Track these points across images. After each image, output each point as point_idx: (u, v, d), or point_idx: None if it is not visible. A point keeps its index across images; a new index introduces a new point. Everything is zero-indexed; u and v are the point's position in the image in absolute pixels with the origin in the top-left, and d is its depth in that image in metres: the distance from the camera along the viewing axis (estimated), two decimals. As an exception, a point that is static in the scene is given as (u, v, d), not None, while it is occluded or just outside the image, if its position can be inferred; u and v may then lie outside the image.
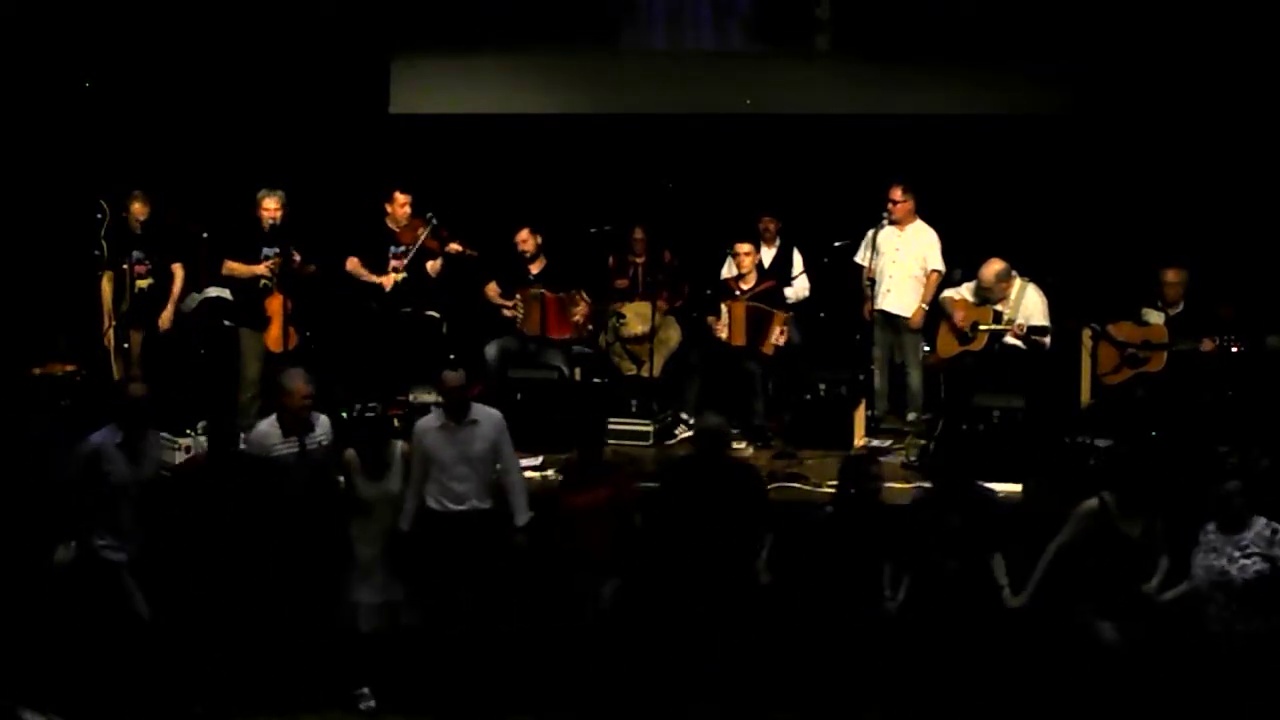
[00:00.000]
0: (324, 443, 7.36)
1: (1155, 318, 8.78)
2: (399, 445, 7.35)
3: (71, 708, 6.80)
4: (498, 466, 7.43)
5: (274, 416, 7.34)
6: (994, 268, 8.95)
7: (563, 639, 7.26)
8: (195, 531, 7.07)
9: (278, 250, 9.05)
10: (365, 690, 7.29)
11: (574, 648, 7.23)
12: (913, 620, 6.97)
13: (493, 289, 9.80)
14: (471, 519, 7.27)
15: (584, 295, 9.77)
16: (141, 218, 9.00)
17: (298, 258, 9.04)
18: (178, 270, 9.16)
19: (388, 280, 9.53)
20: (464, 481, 7.26)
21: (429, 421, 7.38)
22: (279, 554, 7.09)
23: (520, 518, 7.37)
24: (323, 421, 7.43)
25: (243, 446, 7.33)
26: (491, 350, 9.63)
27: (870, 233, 9.57)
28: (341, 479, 7.38)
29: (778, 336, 9.36)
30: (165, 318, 9.19)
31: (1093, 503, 6.89)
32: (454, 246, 9.66)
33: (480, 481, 7.32)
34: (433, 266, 9.61)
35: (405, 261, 9.54)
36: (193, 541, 7.07)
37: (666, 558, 7.21)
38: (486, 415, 7.38)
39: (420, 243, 9.51)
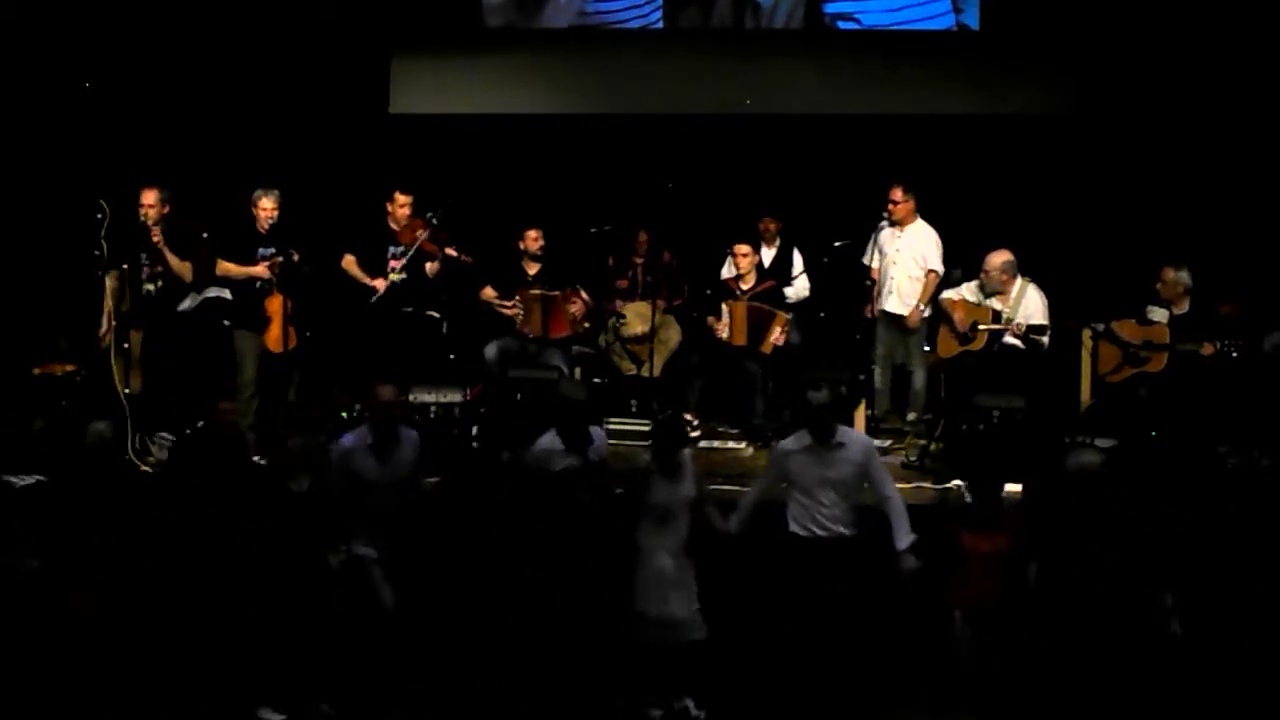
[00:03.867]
0: (603, 455, 7.24)
1: (1160, 315, 8.77)
2: (688, 451, 7.12)
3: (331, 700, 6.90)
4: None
5: (554, 431, 7.18)
6: (1001, 257, 8.94)
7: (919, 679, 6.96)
8: (459, 536, 7.06)
9: (275, 250, 9.03)
10: (653, 699, 6.96)
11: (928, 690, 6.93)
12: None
13: (489, 292, 9.79)
14: (838, 546, 6.99)
15: (582, 293, 9.77)
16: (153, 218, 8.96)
17: (297, 257, 9.02)
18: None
19: (380, 284, 9.52)
20: (831, 506, 6.99)
21: (791, 443, 7.12)
22: (573, 566, 6.94)
23: (902, 540, 6.96)
24: (599, 434, 7.33)
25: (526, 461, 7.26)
26: (491, 351, 9.62)
27: (875, 233, 9.58)
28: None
29: (778, 336, 9.36)
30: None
31: None
32: (450, 251, 9.64)
33: (847, 506, 7.02)
34: (431, 268, 9.59)
35: (403, 262, 9.54)
36: (457, 546, 7.05)
37: (1065, 608, 6.64)
38: (854, 439, 7.15)
39: (419, 244, 9.50)
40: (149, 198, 8.86)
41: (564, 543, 6.95)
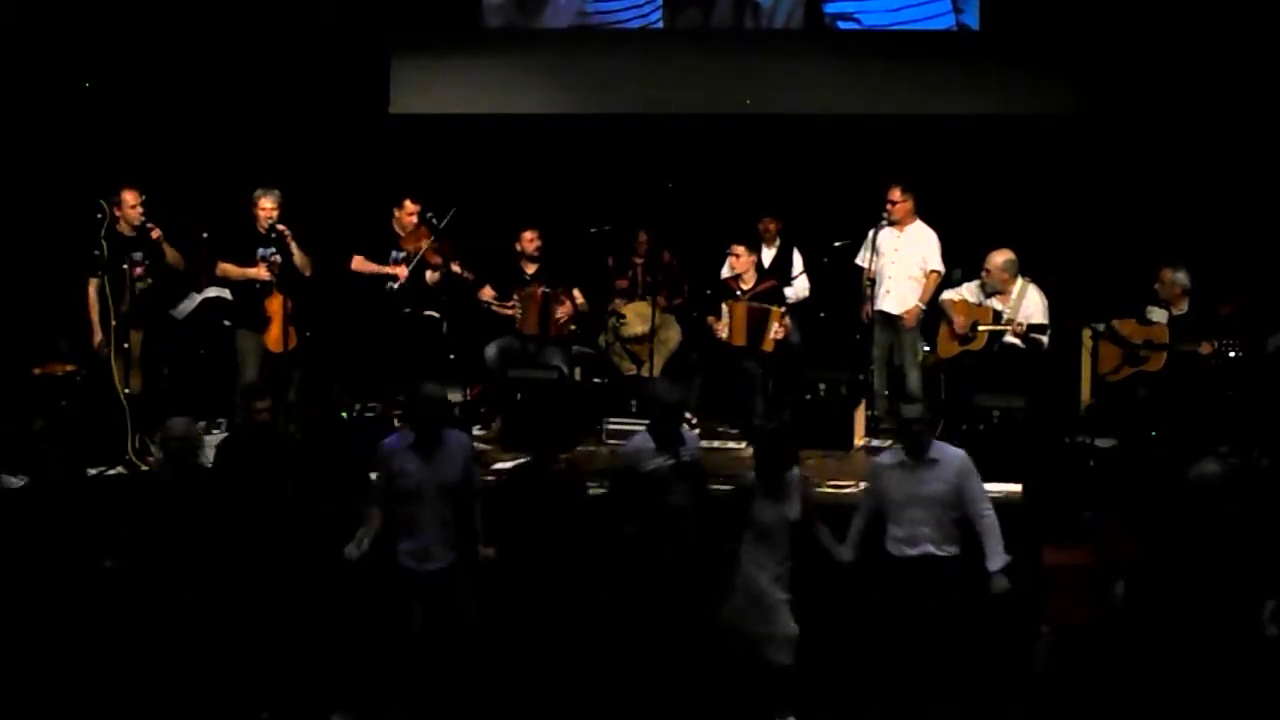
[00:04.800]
0: (696, 456, 7.15)
1: (1159, 315, 8.77)
2: (797, 470, 6.96)
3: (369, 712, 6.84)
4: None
5: (645, 431, 7.14)
6: (1002, 256, 8.95)
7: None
8: (533, 542, 6.91)
9: (275, 250, 9.02)
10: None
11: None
12: None
13: (488, 292, 9.79)
14: (926, 565, 6.78)
15: (572, 294, 9.76)
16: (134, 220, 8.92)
17: (287, 232, 8.95)
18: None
19: (401, 270, 9.49)
20: (917, 524, 6.80)
21: (886, 459, 7.02)
22: (663, 567, 6.85)
23: (994, 562, 6.75)
24: (692, 435, 7.24)
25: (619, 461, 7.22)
26: (491, 351, 9.63)
27: (871, 233, 9.57)
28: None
29: (776, 331, 9.36)
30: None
31: None
32: (455, 267, 9.63)
33: (936, 525, 6.80)
34: (431, 277, 9.60)
35: (406, 268, 9.53)
36: (533, 552, 6.90)
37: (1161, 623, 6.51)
38: (948, 455, 6.90)
39: (422, 254, 9.50)
40: (130, 198, 8.84)
41: (656, 543, 6.86)
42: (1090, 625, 6.63)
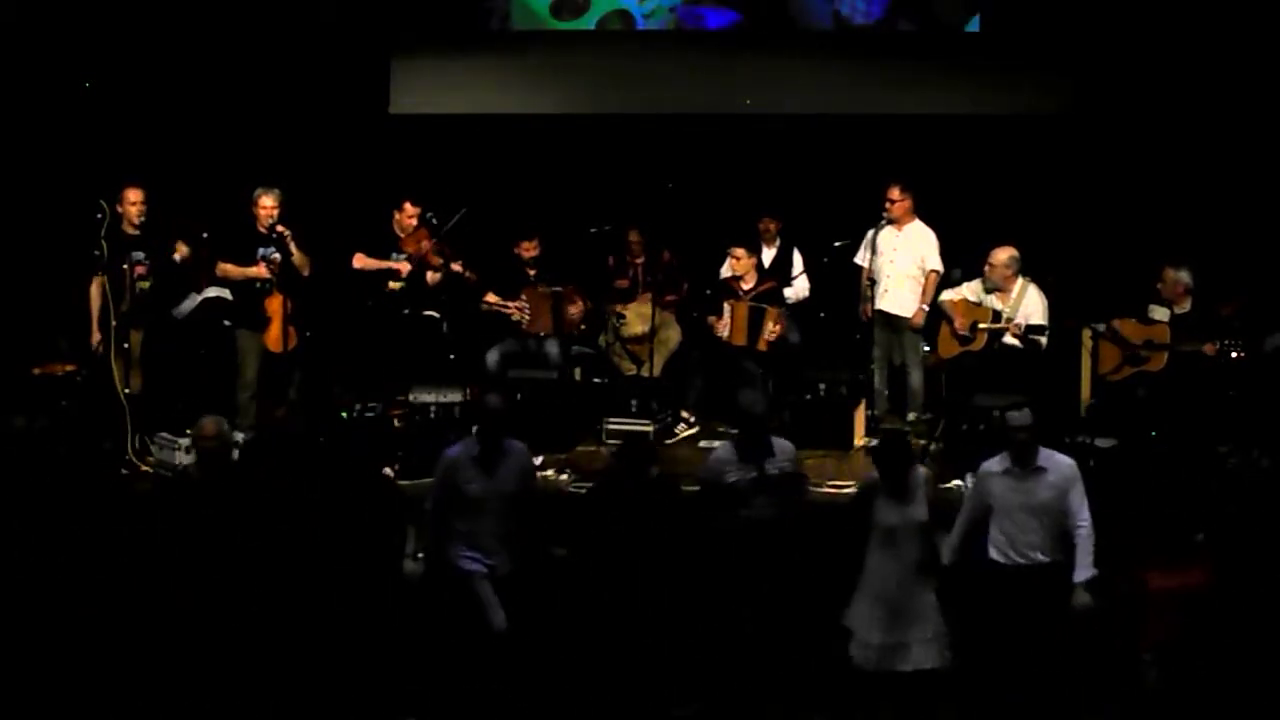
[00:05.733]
0: (786, 468, 7.00)
1: (1161, 314, 8.77)
2: (922, 470, 6.86)
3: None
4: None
5: (731, 441, 7.09)
6: (1006, 252, 8.93)
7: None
8: (612, 551, 6.82)
9: (275, 249, 9.02)
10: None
11: None
12: None
13: (491, 297, 9.78)
14: (1037, 573, 6.71)
15: (581, 294, 9.78)
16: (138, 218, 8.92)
17: (287, 233, 8.94)
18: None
19: (403, 266, 9.49)
20: (1028, 532, 6.69)
21: (993, 465, 6.81)
22: (741, 580, 6.80)
23: (1081, 573, 6.66)
24: (784, 446, 7.07)
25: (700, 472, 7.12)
26: (493, 356, 9.62)
27: (870, 233, 9.56)
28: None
29: (770, 331, 9.36)
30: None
31: None
32: (455, 267, 9.63)
33: (1047, 533, 6.70)
34: (432, 278, 9.60)
35: (406, 269, 9.52)
36: (611, 559, 6.82)
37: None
38: (1057, 463, 6.77)
39: (423, 255, 9.49)
40: (132, 195, 8.83)
41: (733, 557, 6.79)
42: (1193, 644, 6.51)
